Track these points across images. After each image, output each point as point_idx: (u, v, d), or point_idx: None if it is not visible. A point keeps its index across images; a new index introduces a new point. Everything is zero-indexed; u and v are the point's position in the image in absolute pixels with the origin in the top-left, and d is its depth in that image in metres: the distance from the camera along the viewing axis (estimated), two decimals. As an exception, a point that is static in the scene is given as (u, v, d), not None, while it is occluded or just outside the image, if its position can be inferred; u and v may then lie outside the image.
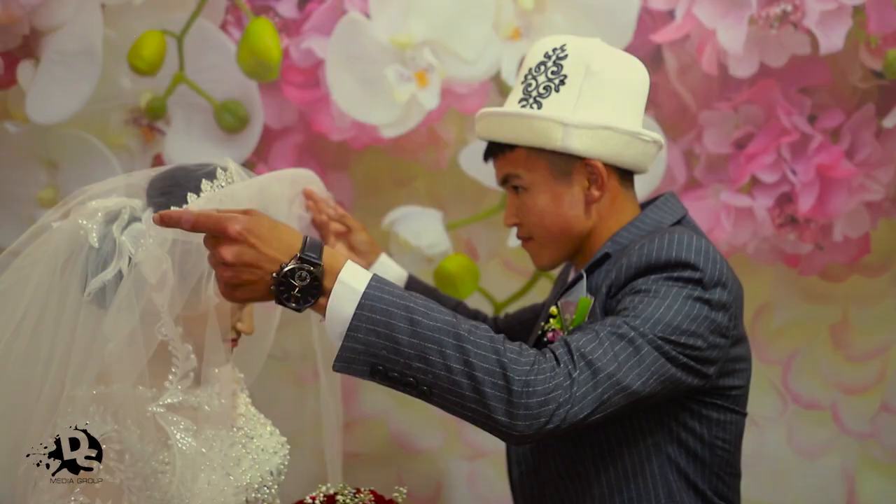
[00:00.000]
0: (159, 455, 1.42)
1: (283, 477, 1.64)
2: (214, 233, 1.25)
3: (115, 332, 1.41)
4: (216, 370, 1.56)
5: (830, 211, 2.33)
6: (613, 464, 1.57)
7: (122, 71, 2.34)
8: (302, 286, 1.24)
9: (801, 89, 2.38)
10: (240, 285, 1.26)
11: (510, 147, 1.66)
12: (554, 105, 1.62)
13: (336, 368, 1.28)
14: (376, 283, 1.28)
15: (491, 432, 1.34)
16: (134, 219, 1.47)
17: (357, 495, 1.49)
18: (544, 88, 1.63)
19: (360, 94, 2.29)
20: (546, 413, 1.31)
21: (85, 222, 1.47)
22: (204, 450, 1.49)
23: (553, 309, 1.62)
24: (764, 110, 2.36)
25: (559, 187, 1.65)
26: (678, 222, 1.67)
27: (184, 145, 2.36)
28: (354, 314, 1.25)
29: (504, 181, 1.71)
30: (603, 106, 1.62)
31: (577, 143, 1.60)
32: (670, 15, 2.33)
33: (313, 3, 2.37)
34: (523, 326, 2.00)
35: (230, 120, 2.36)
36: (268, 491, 1.60)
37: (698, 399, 1.57)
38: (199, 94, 2.35)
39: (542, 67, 1.65)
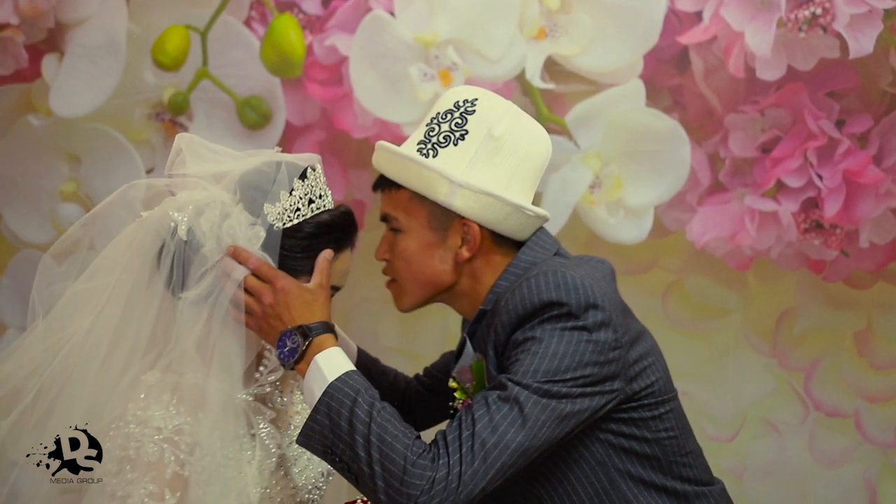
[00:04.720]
0: (225, 450, 1.44)
1: (331, 478, 1.64)
2: (266, 280, 1.49)
3: (191, 323, 1.46)
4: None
5: (857, 217, 2.31)
6: (569, 497, 1.59)
7: (146, 65, 2.35)
8: (291, 347, 1.47)
9: (829, 93, 2.36)
10: (258, 320, 1.50)
11: (397, 186, 1.66)
12: (448, 158, 1.61)
13: (298, 442, 1.45)
14: (345, 375, 1.45)
15: None
16: (225, 215, 1.48)
17: None
18: (444, 138, 1.63)
19: (383, 92, 2.29)
20: None
21: (176, 214, 1.47)
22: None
23: (452, 383, 1.64)
24: (791, 114, 2.34)
25: (432, 238, 1.65)
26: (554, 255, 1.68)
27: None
28: (319, 398, 1.43)
29: (384, 219, 1.71)
30: (494, 173, 1.61)
31: (460, 203, 1.60)
32: (698, 16, 2.30)
33: (338, 1, 2.36)
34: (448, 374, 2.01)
35: (252, 116, 2.36)
36: (318, 493, 1.60)
37: (623, 408, 1.58)
38: (221, 89, 2.35)
39: (449, 116, 1.64)
